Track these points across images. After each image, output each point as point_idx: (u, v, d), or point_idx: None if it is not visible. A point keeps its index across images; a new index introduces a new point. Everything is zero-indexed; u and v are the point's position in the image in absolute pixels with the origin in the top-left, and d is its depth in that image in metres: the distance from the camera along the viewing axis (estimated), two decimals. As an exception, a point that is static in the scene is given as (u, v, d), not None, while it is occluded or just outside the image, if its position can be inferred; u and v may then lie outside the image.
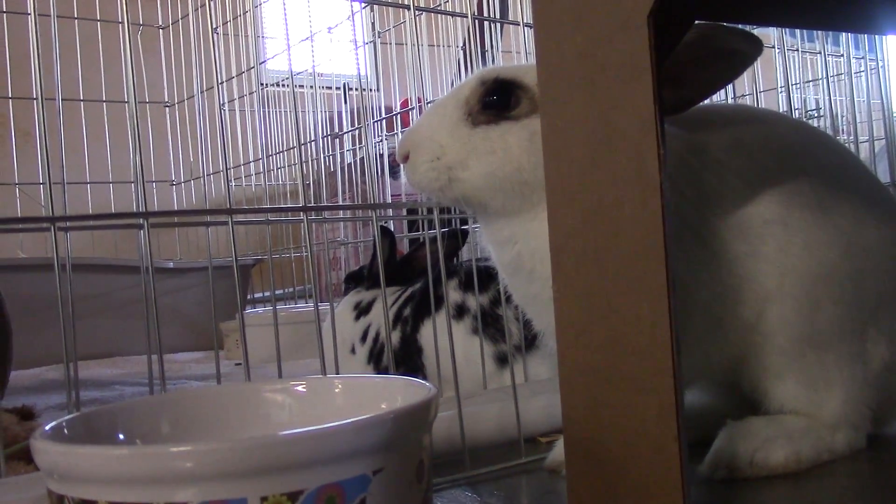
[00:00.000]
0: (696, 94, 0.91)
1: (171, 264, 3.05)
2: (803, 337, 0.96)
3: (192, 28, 3.05)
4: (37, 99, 0.87)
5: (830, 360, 0.97)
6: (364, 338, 1.73)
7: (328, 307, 1.46)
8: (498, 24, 2.67)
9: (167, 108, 3.47)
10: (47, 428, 0.62)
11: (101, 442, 0.66)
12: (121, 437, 0.69)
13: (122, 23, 0.99)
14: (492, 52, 2.50)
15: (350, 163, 3.30)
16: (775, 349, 0.97)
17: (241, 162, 3.37)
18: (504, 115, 1.00)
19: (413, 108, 2.76)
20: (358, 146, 3.30)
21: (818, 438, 0.97)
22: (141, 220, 0.89)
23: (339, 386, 0.78)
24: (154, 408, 0.73)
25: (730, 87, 2.32)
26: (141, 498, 0.53)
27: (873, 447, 1.02)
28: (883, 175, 1.74)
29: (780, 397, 0.99)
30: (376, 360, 1.68)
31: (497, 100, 1.00)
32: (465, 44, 2.61)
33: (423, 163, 1.02)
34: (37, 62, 0.89)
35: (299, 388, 0.77)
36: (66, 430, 0.64)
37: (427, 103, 2.84)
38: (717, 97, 2.55)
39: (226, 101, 3.29)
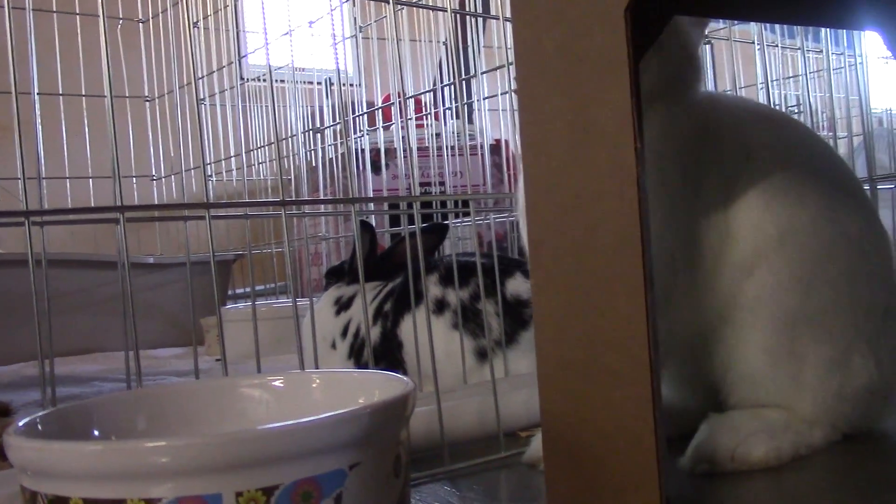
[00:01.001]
0: None
1: (151, 259, 3.03)
2: (795, 315, 0.96)
3: (171, 22, 3.04)
4: (13, 93, 0.86)
5: (822, 353, 0.97)
6: (345, 333, 1.72)
7: (308, 303, 1.46)
8: (480, 20, 2.66)
9: (147, 103, 3.44)
10: (20, 424, 0.62)
11: (76, 438, 0.65)
12: (95, 432, 0.68)
13: (101, 17, 0.98)
14: (474, 48, 2.50)
15: (332, 158, 3.29)
16: (763, 325, 0.97)
17: (223, 157, 3.35)
18: None
19: (394, 104, 2.75)
20: (339, 141, 3.29)
21: (798, 434, 0.97)
22: (117, 215, 0.89)
23: (317, 381, 0.77)
24: (130, 403, 0.73)
25: (710, 83, 2.33)
26: (115, 494, 0.52)
27: (851, 441, 1.03)
28: (861, 170, 1.75)
29: (760, 386, 0.99)
30: (357, 356, 1.68)
31: None
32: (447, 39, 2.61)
33: None
34: (12, 56, 0.89)
35: (276, 383, 0.77)
36: (39, 426, 0.63)
37: (408, 98, 2.84)
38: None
39: (206, 95, 3.27)
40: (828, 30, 1.77)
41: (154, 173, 3.58)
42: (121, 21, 3.25)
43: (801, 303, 0.96)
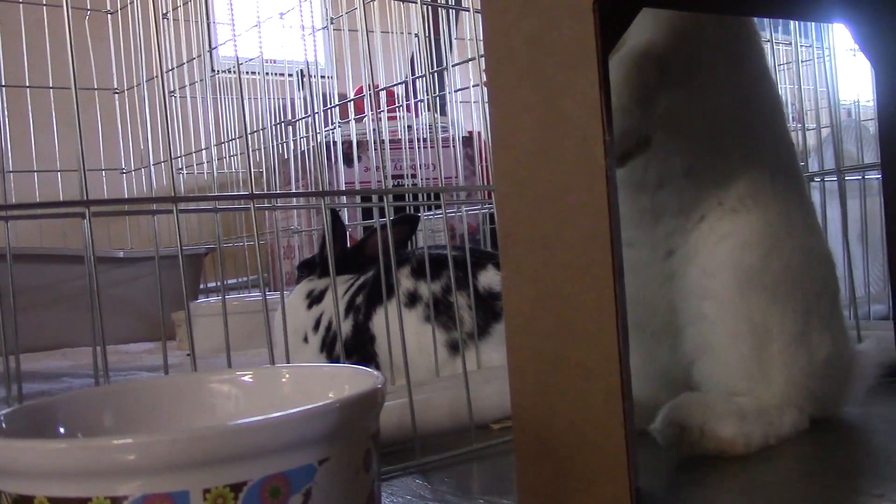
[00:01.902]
0: None
1: (121, 254, 3.00)
2: (755, 283, 0.99)
3: (140, 13, 3.00)
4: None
5: (778, 330, 0.99)
6: (317, 327, 1.72)
7: (280, 296, 1.45)
8: (453, 11, 2.66)
9: (116, 95, 3.40)
10: (-16, 422, 0.61)
11: (41, 436, 0.64)
12: (61, 430, 0.67)
13: (65, 7, 0.96)
14: (446, 39, 2.49)
15: (304, 150, 3.27)
16: (718, 330, 1.00)
17: (193, 150, 3.32)
18: None
19: (365, 96, 2.74)
20: (311, 133, 3.27)
21: (768, 423, 0.98)
22: (83, 209, 0.88)
23: (287, 375, 0.77)
24: (96, 400, 0.72)
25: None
26: (81, 492, 0.52)
27: (819, 429, 1.04)
28: (829, 162, 1.77)
29: (723, 376, 1.00)
30: (329, 349, 1.67)
31: None
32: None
33: None
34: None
35: (246, 378, 0.77)
36: (3, 424, 0.62)
37: (380, 90, 2.83)
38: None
39: (176, 87, 3.23)
40: (796, 22, 1.78)
41: (124, 166, 3.54)
42: (88, 12, 3.20)
43: (761, 271, 0.99)
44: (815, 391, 1.02)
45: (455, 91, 2.71)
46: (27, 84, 3.10)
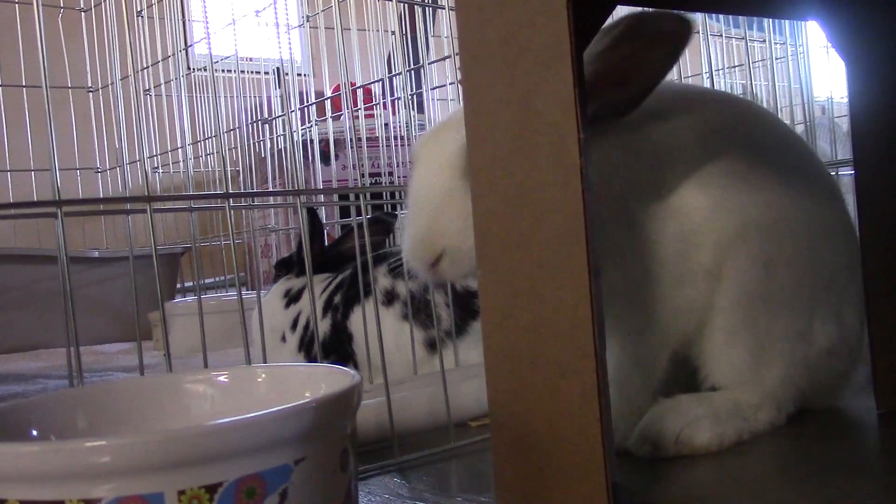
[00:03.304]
0: (643, 89, 0.93)
1: (96, 253, 2.98)
2: (757, 295, 0.98)
3: (114, 11, 2.97)
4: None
5: (778, 330, 0.99)
6: (294, 326, 1.71)
7: (257, 295, 1.44)
8: (429, 9, 2.66)
9: (90, 94, 3.37)
10: (-45, 425, 0.60)
11: (14, 438, 0.64)
12: (34, 432, 0.66)
13: (35, 4, 0.95)
14: (423, 37, 2.49)
15: (281, 149, 3.26)
16: (727, 310, 0.99)
17: (169, 148, 3.30)
18: None
19: (342, 93, 2.73)
20: (288, 132, 3.26)
21: (743, 419, 0.99)
22: (55, 209, 0.87)
23: (263, 375, 0.76)
24: (70, 402, 0.71)
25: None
26: (54, 495, 0.51)
27: (795, 424, 1.05)
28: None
29: (713, 365, 1.01)
30: (307, 349, 1.67)
31: None
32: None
33: (458, 256, 0.94)
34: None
35: (221, 378, 0.76)
36: (-25, 427, 0.62)
37: (357, 88, 2.82)
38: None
39: (151, 86, 3.21)
40: (771, 20, 1.79)
41: (98, 165, 3.51)
42: (62, 10, 3.17)
43: (765, 285, 0.98)
44: (803, 385, 1.03)
45: (432, 89, 2.70)
46: (-1, 82, 3.07)
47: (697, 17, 1.87)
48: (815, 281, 1.02)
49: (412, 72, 2.69)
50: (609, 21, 0.86)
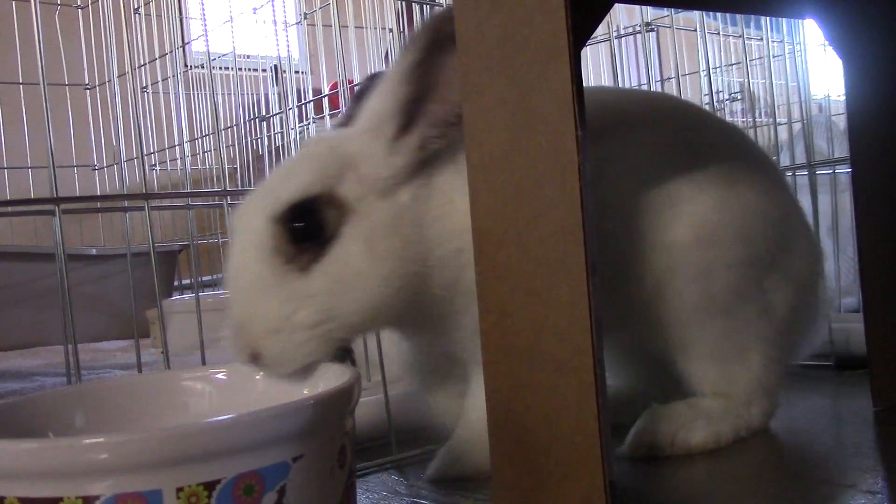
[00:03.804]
0: None
1: (93, 251, 2.97)
2: (701, 306, 0.97)
3: (111, 8, 2.97)
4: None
5: (738, 326, 0.99)
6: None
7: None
8: (427, 7, 2.65)
9: (87, 91, 3.37)
10: (-47, 423, 0.60)
11: (11, 435, 0.64)
12: (32, 430, 0.67)
13: (34, 2, 0.95)
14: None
15: (279, 146, 3.25)
16: (679, 323, 0.98)
17: (167, 146, 3.29)
18: (325, 239, 0.83)
19: (337, 91, 2.72)
20: (286, 129, 3.26)
21: (736, 417, 0.99)
22: (52, 207, 0.87)
23: (261, 373, 0.77)
24: (67, 399, 0.71)
25: (655, 70, 2.35)
26: (52, 492, 0.51)
27: (791, 422, 1.06)
28: (800, 156, 1.79)
29: (695, 378, 1.01)
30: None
31: (307, 230, 0.83)
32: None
33: (279, 350, 0.79)
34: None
35: (219, 375, 0.76)
36: (-28, 425, 0.62)
37: (354, 86, 2.81)
38: (640, 80, 2.58)
39: (148, 83, 3.20)
40: (768, 18, 1.79)
41: (95, 163, 3.50)
42: (58, 7, 3.17)
43: (711, 286, 0.97)
44: (782, 359, 1.03)
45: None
46: (-4, 80, 3.06)
47: (695, 15, 1.87)
48: (755, 264, 1.00)
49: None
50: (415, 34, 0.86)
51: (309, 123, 3.10)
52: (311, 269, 0.82)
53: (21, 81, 3.06)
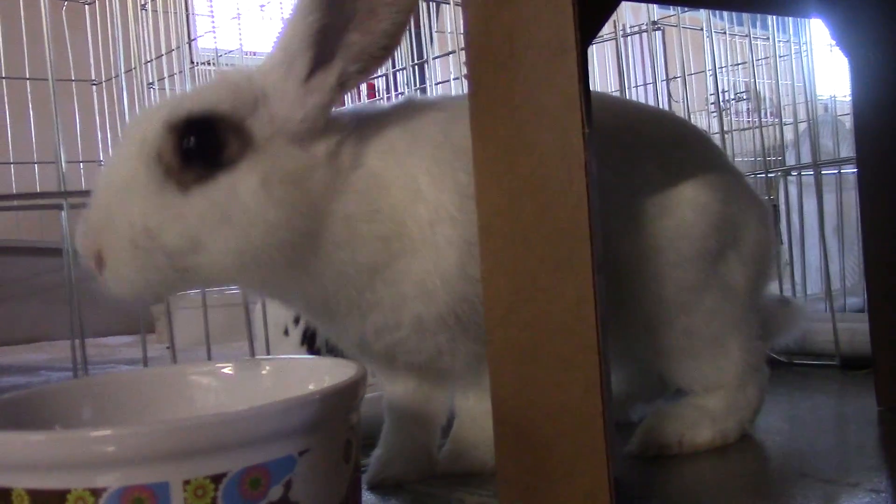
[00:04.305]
0: (395, 25, 0.79)
1: (99, 246, 2.97)
2: (658, 310, 0.96)
3: (118, 4, 2.97)
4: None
5: (704, 319, 0.97)
6: (297, 319, 1.71)
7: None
8: (433, 4, 2.65)
9: (94, 87, 3.37)
10: (-39, 415, 0.61)
11: (19, 428, 0.64)
12: (40, 423, 0.67)
13: (42, -3, 0.96)
14: (427, 32, 2.49)
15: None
16: (645, 328, 0.97)
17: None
18: (217, 164, 0.76)
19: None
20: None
21: (739, 410, 0.99)
22: (60, 201, 0.87)
23: (267, 368, 0.77)
24: (75, 393, 0.72)
25: (661, 70, 2.35)
26: (59, 484, 0.52)
27: (795, 422, 1.06)
28: (805, 156, 1.79)
29: (682, 379, 1.01)
30: (310, 342, 1.67)
31: (201, 147, 0.76)
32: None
33: (128, 262, 0.73)
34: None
35: (226, 370, 0.77)
36: (-20, 417, 0.62)
37: (361, 83, 2.81)
38: (645, 79, 2.58)
39: (155, 79, 3.21)
40: (774, 17, 1.79)
41: (102, 159, 3.51)
42: (65, 2, 3.17)
43: (678, 283, 0.96)
44: (758, 332, 1.02)
45: (436, 84, 2.70)
46: (3, 75, 3.07)
47: (701, 14, 1.87)
48: (706, 248, 0.97)
49: (416, 67, 2.69)
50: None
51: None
52: (192, 189, 0.75)
53: (28, 77, 3.06)
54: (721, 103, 1.78)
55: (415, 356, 0.87)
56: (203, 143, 0.76)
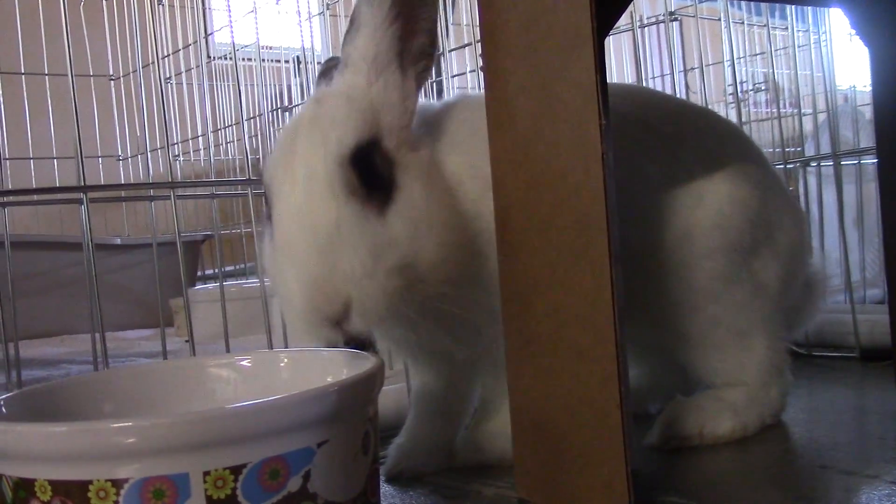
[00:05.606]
0: (430, 27, 0.84)
1: (118, 240, 3.00)
2: (686, 298, 0.97)
3: (135, 0, 2.99)
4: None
5: (731, 312, 0.98)
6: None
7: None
8: (449, -2, 2.65)
9: (112, 82, 3.39)
10: (-16, 407, 0.62)
11: (41, 420, 0.65)
12: (62, 414, 0.68)
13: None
14: (443, 25, 2.48)
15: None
16: (672, 317, 0.98)
17: (190, 136, 3.31)
18: (385, 186, 0.79)
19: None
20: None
21: (760, 405, 0.99)
22: (80, 195, 0.88)
23: (285, 360, 0.77)
24: (96, 385, 0.72)
25: (678, 61, 2.33)
26: (81, 475, 0.52)
27: (813, 413, 1.05)
28: (825, 147, 1.77)
29: (703, 371, 1.02)
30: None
31: (373, 174, 0.79)
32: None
33: (380, 299, 0.75)
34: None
35: (244, 362, 0.77)
36: (3, 409, 0.63)
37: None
38: (663, 70, 2.56)
39: (172, 74, 3.22)
40: (794, 7, 1.78)
41: (120, 153, 3.53)
42: (83, -1, 3.19)
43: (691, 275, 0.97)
44: (782, 333, 1.03)
45: (452, 77, 2.70)
46: (23, 71, 3.09)
47: (719, 5, 1.86)
48: (741, 248, 0.99)
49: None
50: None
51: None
52: (387, 212, 0.78)
53: (46, 72, 3.09)
54: (739, 94, 1.77)
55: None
56: (372, 170, 0.79)
